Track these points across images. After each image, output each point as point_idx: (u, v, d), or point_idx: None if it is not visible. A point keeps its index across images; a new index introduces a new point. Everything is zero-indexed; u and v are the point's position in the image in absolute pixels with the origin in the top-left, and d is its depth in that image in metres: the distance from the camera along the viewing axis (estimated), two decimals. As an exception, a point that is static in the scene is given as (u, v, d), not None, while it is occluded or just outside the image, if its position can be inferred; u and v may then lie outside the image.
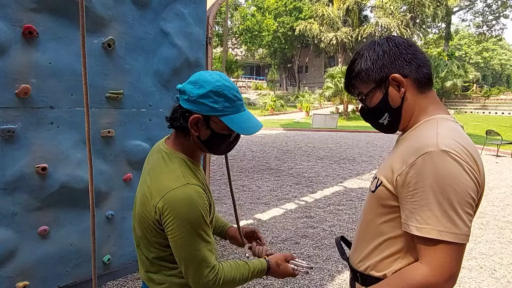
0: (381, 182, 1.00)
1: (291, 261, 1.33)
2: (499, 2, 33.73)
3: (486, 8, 35.03)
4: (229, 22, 31.10)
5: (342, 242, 1.32)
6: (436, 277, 0.87)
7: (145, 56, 2.80)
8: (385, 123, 1.07)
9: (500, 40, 42.90)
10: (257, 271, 1.19)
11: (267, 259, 1.27)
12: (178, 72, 3.01)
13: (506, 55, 50.62)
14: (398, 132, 1.13)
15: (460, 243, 0.86)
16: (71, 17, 2.35)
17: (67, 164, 2.41)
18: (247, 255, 1.39)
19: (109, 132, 2.63)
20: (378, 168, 1.14)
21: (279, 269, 1.26)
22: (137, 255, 1.22)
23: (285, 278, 3.05)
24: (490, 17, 35.36)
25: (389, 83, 1.01)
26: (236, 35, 31.07)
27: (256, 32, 31.34)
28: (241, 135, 1.16)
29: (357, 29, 27.92)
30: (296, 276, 1.33)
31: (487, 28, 36.13)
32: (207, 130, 1.08)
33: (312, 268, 1.38)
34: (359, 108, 1.17)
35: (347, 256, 1.24)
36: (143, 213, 1.09)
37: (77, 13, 2.37)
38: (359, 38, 27.25)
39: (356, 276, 1.12)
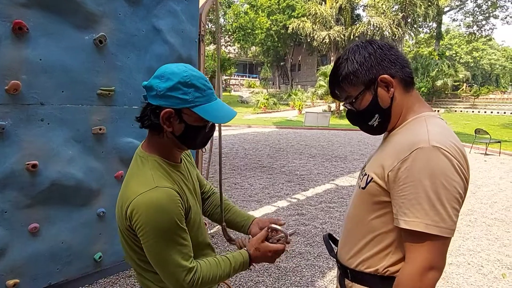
0: (372, 178, 1.01)
1: (270, 234, 1.23)
2: (489, 2, 34.18)
3: (477, 8, 35.49)
4: (222, 20, 30.97)
5: (329, 240, 1.33)
6: (419, 269, 0.90)
7: (137, 53, 2.79)
8: (375, 125, 1.07)
9: (490, 40, 43.47)
10: (239, 264, 1.15)
11: (246, 249, 1.21)
12: (171, 69, 3.00)
13: (495, 55, 51.34)
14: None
15: (445, 236, 0.89)
16: (62, 13, 2.33)
17: (58, 161, 2.39)
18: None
19: (100, 129, 2.61)
20: (365, 165, 1.15)
21: (260, 252, 1.18)
22: None
23: (277, 275, 3.09)
24: (480, 17, 35.84)
25: (378, 84, 1.02)
26: (229, 33, 30.95)
27: (249, 30, 31.25)
28: (216, 125, 1.12)
29: (350, 28, 28.04)
30: (284, 249, 1.22)
31: (477, 28, 36.63)
32: (180, 124, 1.04)
33: (293, 232, 1.27)
34: (346, 112, 1.16)
35: (335, 253, 1.25)
36: (119, 219, 1.07)
37: (68, 9, 2.36)
38: (352, 37, 27.37)
39: (346, 272, 1.13)
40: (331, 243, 1.32)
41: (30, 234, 2.34)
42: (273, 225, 1.24)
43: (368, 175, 1.04)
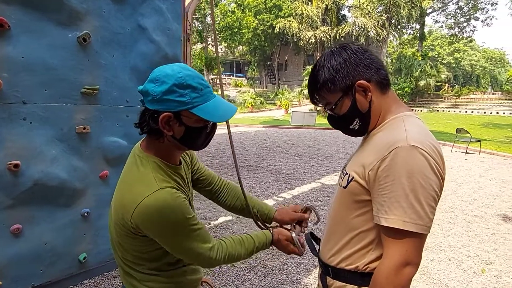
0: (353, 177, 1.04)
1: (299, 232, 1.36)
2: (470, 4, 35.06)
3: (458, 10, 36.31)
4: (208, 19, 30.80)
5: (311, 238, 1.35)
6: (395, 265, 0.93)
7: (121, 51, 2.77)
8: (356, 128, 1.10)
9: (471, 41, 44.54)
10: (262, 243, 1.24)
11: (271, 231, 1.30)
12: (156, 68, 2.99)
13: (476, 56, 52.72)
14: None
15: (422, 233, 0.92)
16: (44, 10, 2.29)
17: (41, 161, 2.35)
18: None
19: (84, 128, 2.58)
20: (346, 164, 1.17)
21: (279, 239, 1.29)
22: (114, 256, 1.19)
23: (263, 273, 3.11)
24: (462, 19, 36.69)
25: (355, 89, 1.04)
26: (216, 32, 30.85)
27: (236, 29, 31.22)
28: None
29: (335, 28, 28.30)
30: (301, 252, 1.33)
31: (459, 30, 37.47)
32: (180, 127, 1.02)
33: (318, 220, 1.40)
34: (327, 117, 1.18)
35: (318, 251, 1.27)
36: (118, 221, 1.05)
37: (50, 6, 2.32)
38: (337, 37, 27.63)
39: (328, 270, 1.14)
40: (313, 241, 1.34)
41: (13, 235, 2.29)
42: (309, 205, 1.41)
43: (349, 174, 1.06)
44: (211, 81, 27.46)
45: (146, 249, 1.07)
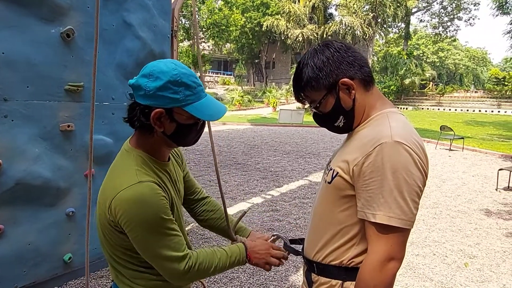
0: (337, 173, 1.04)
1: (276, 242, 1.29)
2: (454, 4, 35.77)
3: (442, 10, 37.05)
4: (195, 17, 30.49)
5: (290, 244, 1.35)
6: (380, 260, 0.94)
7: (107, 47, 2.72)
8: (341, 125, 1.11)
9: (454, 40, 45.53)
10: (236, 255, 1.16)
11: (243, 240, 1.23)
12: (143, 65, 2.89)
13: (459, 55, 53.81)
14: None
15: (405, 228, 0.93)
16: (26, 4, 2.23)
17: (23, 160, 2.30)
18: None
19: (68, 126, 2.53)
20: (330, 160, 1.18)
21: (256, 244, 1.22)
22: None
23: (252, 271, 3.11)
24: (446, 19, 37.45)
25: (339, 87, 1.05)
26: (203, 29, 30.61)
27: (224, 27, 31.03)
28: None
29: (323, 27, 28.47)
30: (284, 257, 1.28)
31: (443, 29, 38.23)
32: (172, 124, 1.02)
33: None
34: (312, 115, 1.18)
35: (302, 249, 1.27)
36: (101, 215, 1.04)
37: (32, 1, 2.26)
38: (325, 36, 27.81)
39: (312, 266, 1.15)
40: (293, 247, 1.34)
41: (-6, 236, 2.24)
42: (277, 234, 1.32)
43: (334, 169, 1.06)
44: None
45: (131, 244, 1.03)
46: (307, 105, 1.15)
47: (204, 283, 1.51)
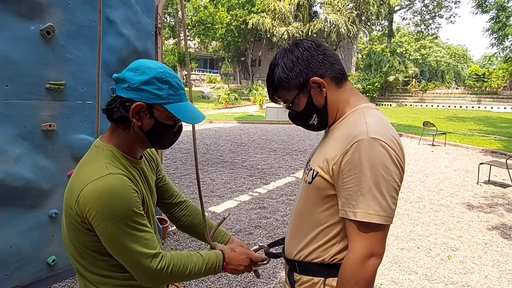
0: (317, 172, 1.04)
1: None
2: (435, 2, 36.45)
3: (424, 8, 37.68)
4: (180, 13, 30.21)
5: (269, 249, 1.35)
6: (360, 256, 0.95)
7: (89, 45, 2.66)
8: (315, 123, 1.11)
9: (436, 38, 46.37)
10: (212, 261, 1.12)
11: (222, 248, 1.21)
12: (126, 62, 2.87)
13: (441, 52, 54.99)
14: None
15: (385, 224, 0.94)
16: (3, 1, 2.16)
17: (3, 161, 2.23)
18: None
19: (50, 125, 2.47)
20: (309, 159, 1.18)
21: (235, 253, 1.20)
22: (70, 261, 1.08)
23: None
24: (427, 16, 38.09)
25: (310, 86, 1.05)
26: (189, 27, 30.33)
27: (209, 25, 30.78)
28: (183, 128, 1.10)
29: (308, 24, 28.64)
30: (263, 260, 1.28)
31: (425, 27, 38.88)
32: (150, 120, 1.01)
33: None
34: (288, 114, 1.19)
35: (283, 250, 1.27)
36: (66, 212, 0.99)
37: (10, -3, 2.19)
38: (310, 33, 27.98)
39: (294, 266, 1.14)
40: (273, 251, 1.35)
41: (-27, 240, 2.17)
42: (260, 245, 1.35)
43: (314, 169, 1.06)
44: (184, 77, 27.06)
45: (97, 244, 0.98)
46: (282, 105, 1.15)
47: (178, 286, 1.48)
